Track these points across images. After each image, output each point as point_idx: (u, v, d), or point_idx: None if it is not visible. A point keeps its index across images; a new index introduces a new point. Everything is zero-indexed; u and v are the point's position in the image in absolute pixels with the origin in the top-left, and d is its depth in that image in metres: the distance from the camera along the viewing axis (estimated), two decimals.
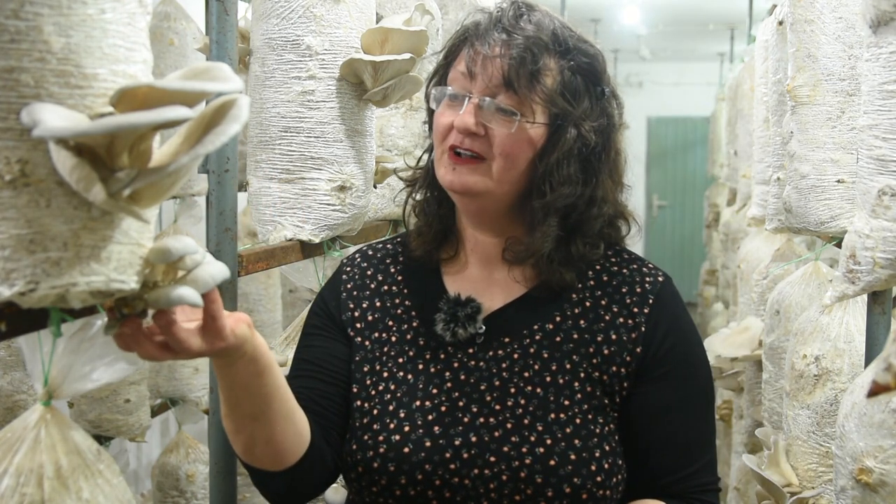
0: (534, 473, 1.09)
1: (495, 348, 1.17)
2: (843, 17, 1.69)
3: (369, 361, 1.21)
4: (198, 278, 0.87)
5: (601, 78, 1.18)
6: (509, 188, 1.15)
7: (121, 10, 0.77)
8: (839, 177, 1.72)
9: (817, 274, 2.13)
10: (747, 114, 3.43)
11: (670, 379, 1.17)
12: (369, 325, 1.23)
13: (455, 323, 1.17)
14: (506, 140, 1.12)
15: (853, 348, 1.71)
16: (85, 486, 0.87)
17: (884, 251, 1.25)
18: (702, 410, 1.20)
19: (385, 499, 1.12)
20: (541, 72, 1.11)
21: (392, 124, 1.94)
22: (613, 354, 1.15)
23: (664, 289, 1.21)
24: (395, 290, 1.25)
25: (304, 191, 1.44)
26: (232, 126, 0.74)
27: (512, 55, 1.11)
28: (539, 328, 1.17)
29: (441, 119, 1.16)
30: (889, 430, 1.19)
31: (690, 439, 1.18)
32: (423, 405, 1.14)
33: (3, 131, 0.72)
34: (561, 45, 1.14)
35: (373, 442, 1.13)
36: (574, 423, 1.12)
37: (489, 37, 1.13)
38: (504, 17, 1.14)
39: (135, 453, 2.89)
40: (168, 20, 2.27)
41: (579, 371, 1.14)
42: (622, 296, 1.19)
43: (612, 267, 1.22)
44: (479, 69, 1.12)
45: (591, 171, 1.17)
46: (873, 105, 1.25)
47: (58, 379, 0.90)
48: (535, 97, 1.11)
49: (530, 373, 1.15)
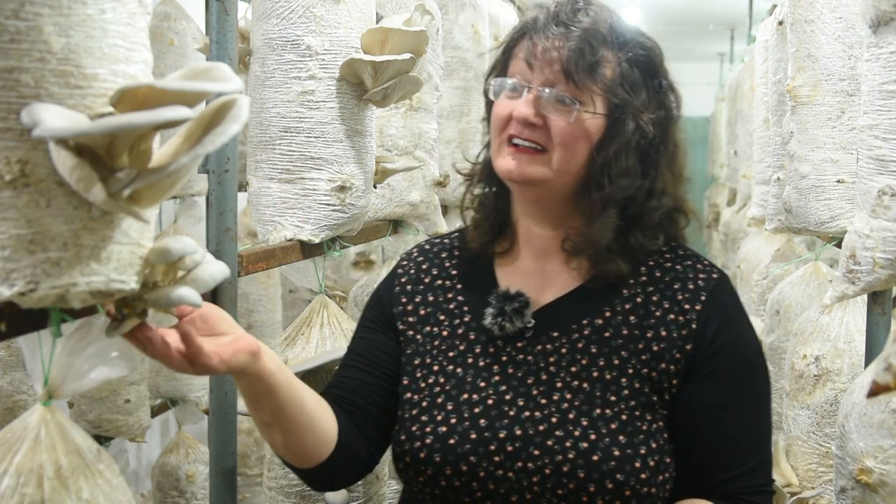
0: (576, 468, 1.09)
1: (543, 342, 1.17)
2: (843, 17, 1.69)
3: (420, 355, 1.22)
4: (198, 278, 0.87)
5: (658, 70, 1.19)
6: (568, 179, 1.16)
7: (121, 11, 0.77)
8: (839, 177, 1.72)
9: (817, 274, 2.13)
10: (747, 114, 3.43)
11: (721, 377, 1.14)
12: (421, 320, 1.25)
13: (503, 317, 1.17)
14: (564, 130, 1.12)
15: (853, 348, 1.71)
16: (85, 487, 0.87)
17: (884, 251, 1.25)
18: (755, 410, 1.17)
19: (431, 489, 1.14)
20: (599, 63, 1.12)
21: (392, 124, 1.94)
22: (663, 351, 1.14)
23: (718, 286, 1.19)
24: (448, 284, 1.27)
25: (304, 191, 1.44)
26: (232, 126, 0.74)
27: (570, 46, 1.12)
28: (588, 323, 1.17)
29: (500, 109, 1.17)
30: (889, 430, 1.19)
31: (741, 438, 1.15)
32: (471, 398, 1.16)
33: (4, 131, 0.72)
34: (618, 38, 1.15)
35: (420, 433, 1.15)
36: (620, 420, 1.12)
37: (548, 30, 1.14)
38: (562, 11, 1.15)
39: (135, 453, 2.90)
40: (168, 20, 2.27)
41: (627, 367, 1.14)
42: (674, 292, 1.17)
43: (666, 263, 1.20)
44: (538, 60, 1.14)
45: (650, 163, 1.17)
46: (873, 105, 1.25)
47: (58, 379, 0.90)
48: (594, 87, 1.12)
49: (577, 367, 1.15)
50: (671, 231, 1.22)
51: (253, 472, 2.62)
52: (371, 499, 1.59)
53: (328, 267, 2.28)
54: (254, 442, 2.63)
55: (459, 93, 2.43)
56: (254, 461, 2.63)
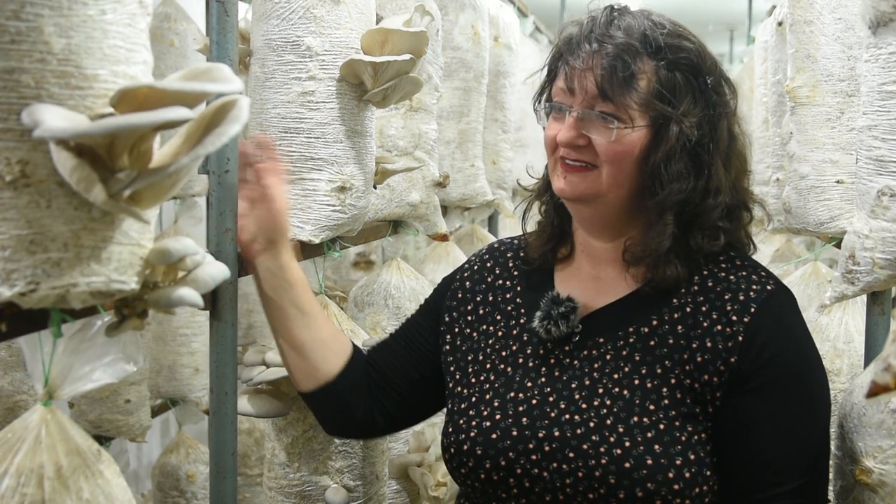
0: (608, 474, 1.09)
1: (590, 347, 1.19)
2: (842, 18, 1.69)
3: (474, 352, 1.28)
4: (198, 279, 0.87)
5: (702, 68, 1.18)
6: (619, 192, 1.18)
7: (121, 11, 0.78)
8: (838, 177, 1.72)
9: (816, 274, 2.13)
10: (747, 115, 3.43)
11: (765, 392, 1.12)
12: (480, 318, 1.30)
13: (549, 320, 1.20)
14: (608, 148, 1.15)
15: (852, 349, 1.71)
16: (85, 487, 0.87)
17: (883, 252, 1.25)
18: (802, 429, 1.13)
19: (472, 481, 1.19)
20: (634, 77, 1.14)
21: (392, 125, 1.94)
22: (707, 363, 1.12)
23: (771, 298, 1.16)
24: (508, 284, 1.32)
25: (304, 191, 1.44)
26: (232, 127, 0.75)
27: (603, 66, 1.14)
28: (634, 331, 1.17)
29: (549, 133, 1.22)
30: (889, 430, 1.19)
31: (780, 457, 1.12)
32: (517, 397, 1.19)
33: (4, 132, 0.72)
34: (651, 46, 1.15)
35: (466, 426, 1.20)
36: (657, 429, 1.11)
37: (581, 50, 1.17)
38: (595, 25, 1.18)
39: (135, 453, 2.89)
40: (168, 21, 2.27)
41: (670, 377, 1.13)
42: (724, 303, 1.15)
43: (720, 273, 1.19)
44: (576, 84, 1.17)
45: (702, 163, 1.17)
46: (872, 106, 1.26)
47: (58, 379, 0.91)
48: (630, 103, 1.14)
49: (619, 374, 1.15)
50: (733, 230, 1.22)
51: (253, 472, 2.62)
52: (371, 499, 1.59)
53: (328, 267, 2.29)
54: (254, 442, 2.63)
55: (459, 93, 2.43)
56: (254, 461, 2.63)
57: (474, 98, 2.47)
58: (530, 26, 3.97)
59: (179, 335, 2.38)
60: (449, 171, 2.28)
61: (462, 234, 2.96)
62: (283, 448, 1.54)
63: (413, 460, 1.88)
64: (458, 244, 2.72)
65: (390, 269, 2.07)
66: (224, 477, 1.32)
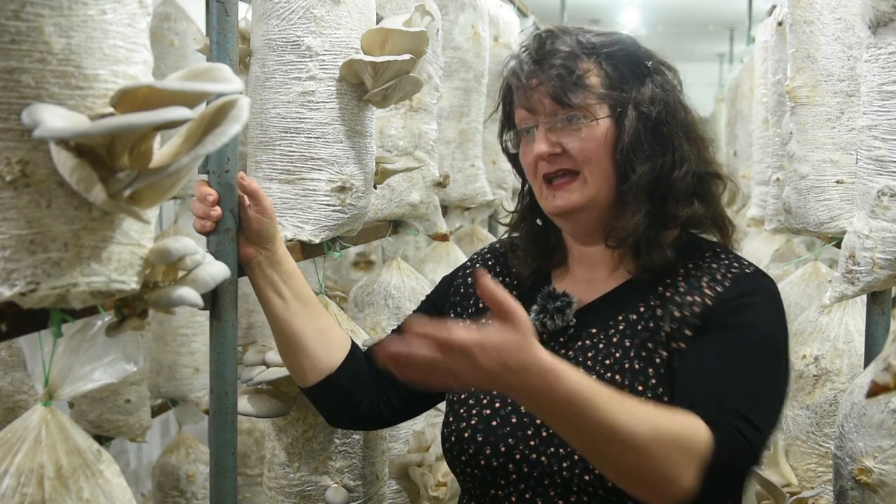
0: None
1: (583, 339, 1.24)
2: (842, 18, 1.69)
3: None
4: (198, 279, 0.87)
5: (639, 55, 1.26)
6: (605, 189, 1.23)
7: (121, 11, 0.78)
8: (838, 177, 1.72)
9: (817, 274, 2.13)
10: (747, 114, 3.44)
11: (719, 337, 1.13)
12: (479, 312, 1.35)
13: (545, 314, 1.25)
14: (582, 147, 1.22)
15: (852, 349, 1.71)
16: (85, 487, 0.87)
17: (883, 252, 1.25)
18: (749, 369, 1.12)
19: (472, 468, 1.23)
20: (582, 77, 1.22)
21: (392, 125, 1.94)
22: (674, 332, 1.17)
23: (748, 277, 1.20)
24: (507, 281, 1.36)
25: (304, 191, 1.44)
26: (232, 127, 0.75)
27: (552, 76, 1.22)
28: (623, 318, 1.22)
29: (525, 157, 1.28)
30: (888, 430, 1.20)
31: (723, 382, 1.10)
32: None
33: (4, 132, 0.72)
34: (587, 48, 1.24)
35: (467, 414, 1.25)
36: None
37: (524, 73, 1.25)
38: (532, 50, 1.26)
39: (135, 453, 2.89)
40: (168, 21, 2.28)
41: (654, 356, 1.17)
42: (701, 284, 1.20)
43: (705, 264, 1.24)
44: (533, 102, 1.24)
45: (665, 138, 1.23)
46: (872, 106, 1.26)
47: (58, 379, 0.91)
48: (587, 101, 1.22)
49: (611, 360, 1.20)
50: (706, 196, 1.26)
51: (253, 472, 2.62)
52: (371, 499, 1.59)
53: (328, 267, 2.28)
54: (254, 442, 2.63)
55: (459, 93, 2.43)
56: (254, 461, 2.63)
57: (474, 98, 2.47)
58: (530, 26, 3.97)
59: (179, 335, 2.38)
60: (449, 171, 2.28)
61: (462, 234, 2.96)
62: (283, 448, 1.54)
63: (413, 460, 1.88)
64: (458, 244, 2.72)
65: (390, 269, 2.07)
66: (224, 477, 1.32)
